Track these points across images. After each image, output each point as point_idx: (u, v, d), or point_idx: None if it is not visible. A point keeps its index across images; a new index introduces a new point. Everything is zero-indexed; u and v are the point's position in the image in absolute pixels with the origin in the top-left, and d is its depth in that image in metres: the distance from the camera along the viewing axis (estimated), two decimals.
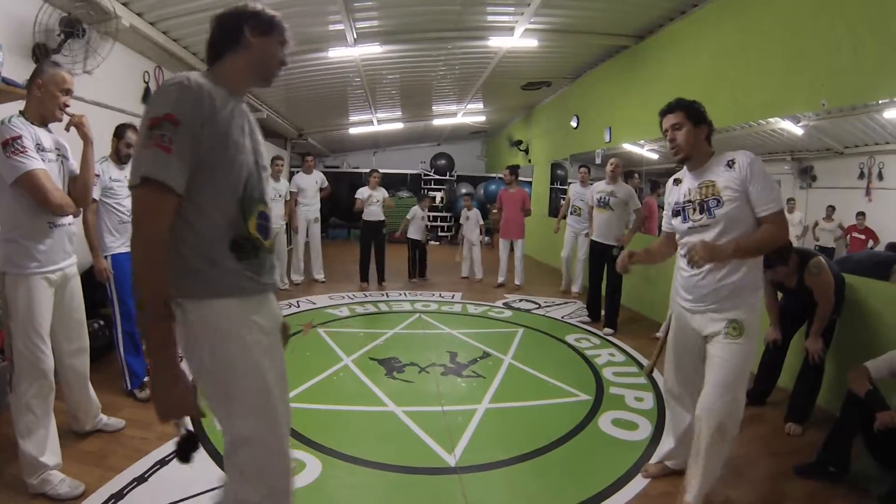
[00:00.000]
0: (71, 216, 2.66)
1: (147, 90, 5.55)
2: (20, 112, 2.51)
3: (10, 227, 2.43)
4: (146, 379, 3.66)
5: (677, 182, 2.59)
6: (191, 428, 1.61)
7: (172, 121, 1.42)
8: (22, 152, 2.34)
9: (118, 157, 3.58)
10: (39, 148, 2.46)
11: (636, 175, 7.38)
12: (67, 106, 2.59)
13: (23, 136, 2.38)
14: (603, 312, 6.00)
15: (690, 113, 2.43)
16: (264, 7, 1.69)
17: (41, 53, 3.82)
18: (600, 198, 5.89)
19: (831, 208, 6.07)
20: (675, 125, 2.44)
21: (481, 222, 8.61)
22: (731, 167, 2.33)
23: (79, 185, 2.69)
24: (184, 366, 1.50)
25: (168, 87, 1.49)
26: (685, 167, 2.54)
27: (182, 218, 1.49)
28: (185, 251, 1.50)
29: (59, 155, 2.62)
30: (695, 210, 2.42)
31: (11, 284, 2.43)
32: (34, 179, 2.36)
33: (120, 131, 3.59)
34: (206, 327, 1.52)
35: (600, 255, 5.90)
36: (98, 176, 3.38)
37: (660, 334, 5.07)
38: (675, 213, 2.54)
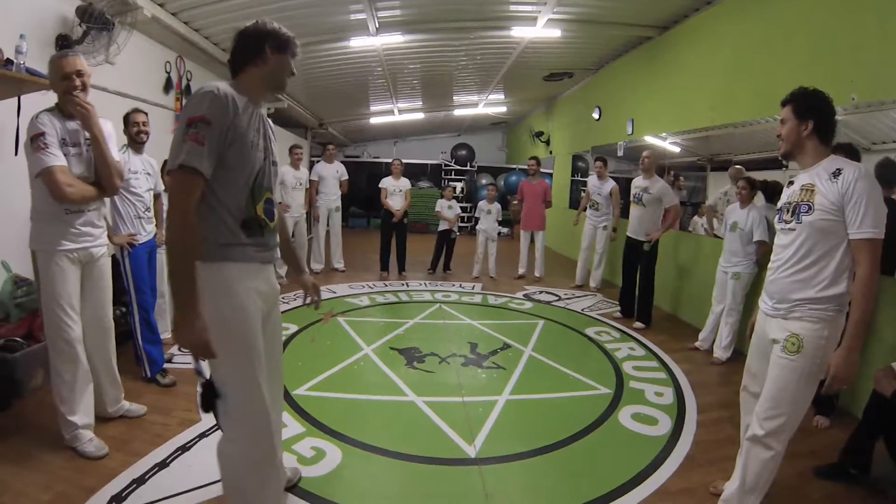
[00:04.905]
0: (96, 202, 2.82)
1: (168, 79, 5.60)
2: (56, 105, 2.66)
3: (36, 209, 2.66)
4: (166, 365, 3.72)
5: (790, 184, 2.38)
6: (208, 377, 1.91)
7: (205, 121, 1.76)
8: (44, 149, 2.51)
9: (133, 144, 3.63)
10: (64, 143, 2.61)
11: (671, 172, 7.29)
12: (76, 89, 2.60)
13: (46, 132, 2.53)
14: (623, 305, 6.01)
15: (796, 106, 2.24)
16: (280, 26, 2.00)
17: (64, 43, 3.86)
18: (635, 193, 5.81)
19: None
20: (782, 120, 2.28)
21: (500, 218, 8.22)
22: (835, 178, 2.11)
23: (101, 177, 2.76)
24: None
25: (203, 94, 1.81)
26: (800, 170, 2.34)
27: (205, 201, 1.84)
28: (204, 226, 1.84)
29: (89, 146, 2.71)
30: (788, 211, 2.27)
31: (40, 260, 2.65)
32: (50, 176, 2.52)
33: (125, 118, 3.63)
34: (211, 284, 1.84)
35: (632, 250, 5.86)
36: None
37: (698, 344, 5.02)
38: (778, 211, 2.39)
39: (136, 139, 3.61)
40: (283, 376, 2.42)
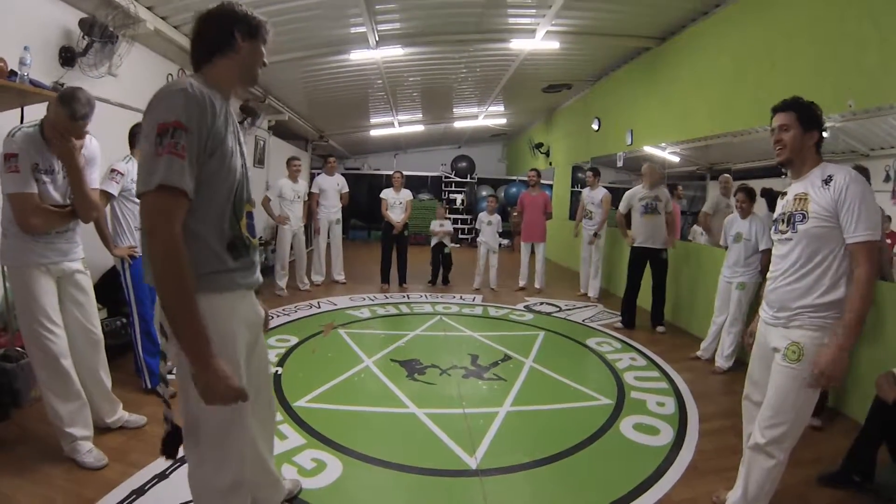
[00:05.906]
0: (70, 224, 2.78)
1: None
2: (41, 123, 2.59)
3: (7, 225, 2.60)
4: (170, 376, 3.70)
5: (783, 195, 2.39)
6: (176, 423, 1.73)
7: (182, 127, 1.46)
8: (14, 172, 2.45)
9: None
10: (36, 168, 2.54)
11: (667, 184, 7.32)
12: (78, 137, 2.59)
13: (18, 155, 2.46)
14: (625, 316, 5.99)
15: (803, 115, 2.23)
16: (249, 10, 1.74)
17: (67, 56, 3.90)
18: (647, 203, 5.80)
19: None
20: (783, 126, 2.25)
21: (500, 230, 8.25)
22: (827, 184, 2.13)
23: (77, 206, 2.72)
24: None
25: (173, 93, 1.51)
26: (792, 179, 2.36)
27: (184, 225, 1.52)
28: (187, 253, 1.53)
29: (65, 175, 2.67)
30: (783, 221, 2.29)
31: (13, 276, 2.62)
32: (16, 202, 2.49)
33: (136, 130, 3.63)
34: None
35: (643, 260, 5.86)
36: (122, 175, 3.45)
37: (700, 354, 5.01)
38: (773, 223, 2.40)
39: None
40: (274, 404, 2.29)
